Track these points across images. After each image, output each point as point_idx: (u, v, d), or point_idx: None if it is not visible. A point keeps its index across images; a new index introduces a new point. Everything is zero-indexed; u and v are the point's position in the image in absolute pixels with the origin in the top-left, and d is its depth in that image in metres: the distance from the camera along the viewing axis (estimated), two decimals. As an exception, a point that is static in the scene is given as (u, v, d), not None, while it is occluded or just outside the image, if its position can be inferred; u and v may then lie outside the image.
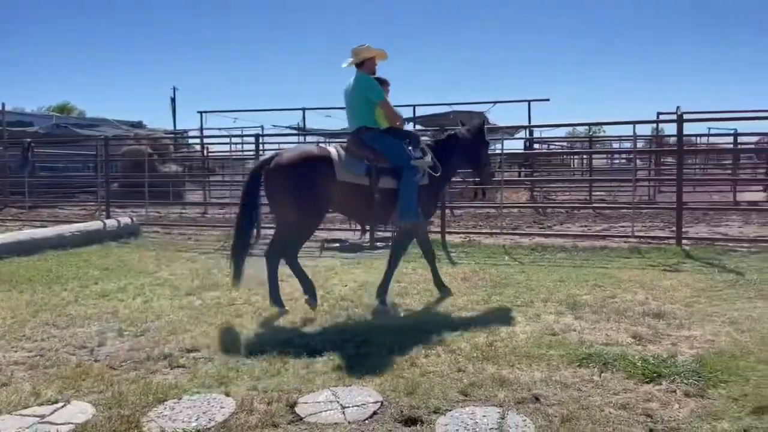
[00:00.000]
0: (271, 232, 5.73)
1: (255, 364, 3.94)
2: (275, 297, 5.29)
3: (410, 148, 5.49)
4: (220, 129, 21.26)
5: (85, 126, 25.16)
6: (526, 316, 4.93)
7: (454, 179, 7.82)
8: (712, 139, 19.32)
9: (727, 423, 2.98)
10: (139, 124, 28.09)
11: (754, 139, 18.29)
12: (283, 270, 5.39)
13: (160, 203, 14.91)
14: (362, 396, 3.37)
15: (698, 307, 5.13)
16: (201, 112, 20.46)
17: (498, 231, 9.95)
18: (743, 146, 17.91)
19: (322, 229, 10.70)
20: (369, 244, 8.79)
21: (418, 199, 5.35)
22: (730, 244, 8.39)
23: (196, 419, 3.13)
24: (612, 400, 3.28)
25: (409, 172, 5.33)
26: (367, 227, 5.71)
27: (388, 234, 6.09)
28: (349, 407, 3.24)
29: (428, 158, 5.47)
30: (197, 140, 22.31)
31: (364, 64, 5.51)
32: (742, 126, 20.70)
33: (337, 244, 8.85)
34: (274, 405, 3.27)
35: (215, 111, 20.94)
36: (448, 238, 9.15)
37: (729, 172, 17.23)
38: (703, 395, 3.31)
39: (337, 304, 5.45)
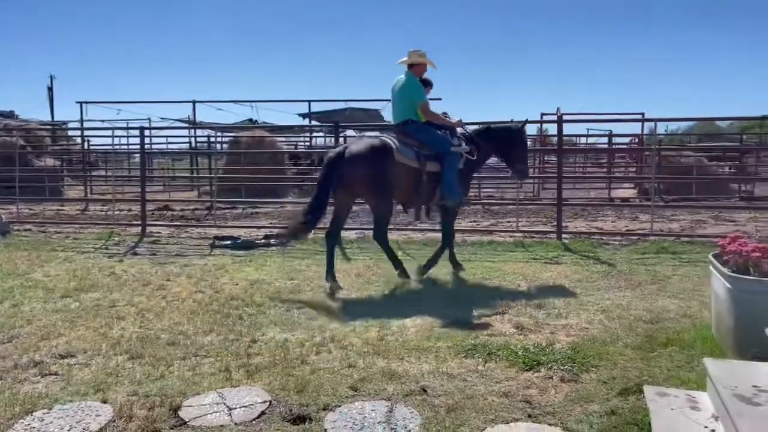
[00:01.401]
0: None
1: (136, 368, 3.75)
2: (331, 275, 5.87)
3: (449, 136, 6.18)
4: (102, 121, 20.09)
5: (-53, 115, 22.98)
6: (417, 310, 5.02)
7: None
8: (590, 140, 20.72)
9: (597, 405, 3.19)
10: (10, 114, 25.95)
11: (627, 139, 19.78)
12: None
13: (34, 199, 13.90)
14: (250, 396, 3.31)
15: (575, 297, 5.45)
16: (81, 103, 19.20)
17: (392, 227, 10.06)
18: (617, 146, 19.32)
19: (213, 226, 10.42)
20: (263, 240, 8.64)
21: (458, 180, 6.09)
22: (605, 238, 8.99)
23: (69, 430, 2.93)
24: (495, 388, 3.42)
25: (450, 157, 6.07)
26: (410, 208, 6.45)
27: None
28: (236, 408, 3.17)
29: (464, 145, 6.19)
30: (77, 132, 20.98)
31: (414, 68, 6.18)
32: (616, 128, 22.41)
33: (229, 242, 8.61)
34: (156, 410, 3.13)
35: (97, 102, 19.74)
36: (343, 234, 9.12)
37: (605, 170, 18.49)
38: (576, 380, 3.53)
39: (227, 303, 5.31)
